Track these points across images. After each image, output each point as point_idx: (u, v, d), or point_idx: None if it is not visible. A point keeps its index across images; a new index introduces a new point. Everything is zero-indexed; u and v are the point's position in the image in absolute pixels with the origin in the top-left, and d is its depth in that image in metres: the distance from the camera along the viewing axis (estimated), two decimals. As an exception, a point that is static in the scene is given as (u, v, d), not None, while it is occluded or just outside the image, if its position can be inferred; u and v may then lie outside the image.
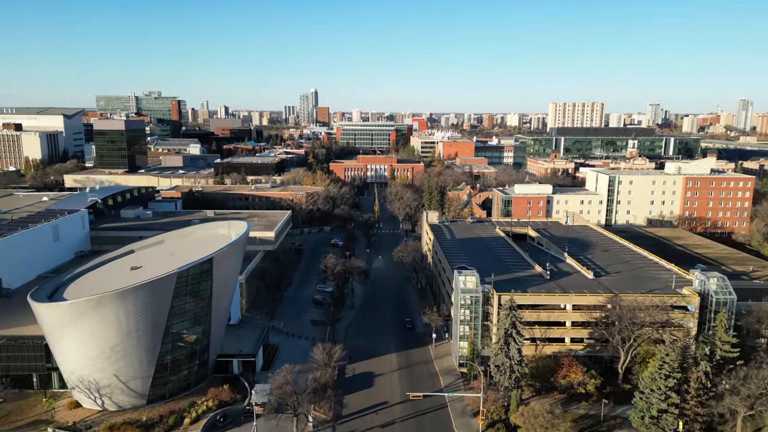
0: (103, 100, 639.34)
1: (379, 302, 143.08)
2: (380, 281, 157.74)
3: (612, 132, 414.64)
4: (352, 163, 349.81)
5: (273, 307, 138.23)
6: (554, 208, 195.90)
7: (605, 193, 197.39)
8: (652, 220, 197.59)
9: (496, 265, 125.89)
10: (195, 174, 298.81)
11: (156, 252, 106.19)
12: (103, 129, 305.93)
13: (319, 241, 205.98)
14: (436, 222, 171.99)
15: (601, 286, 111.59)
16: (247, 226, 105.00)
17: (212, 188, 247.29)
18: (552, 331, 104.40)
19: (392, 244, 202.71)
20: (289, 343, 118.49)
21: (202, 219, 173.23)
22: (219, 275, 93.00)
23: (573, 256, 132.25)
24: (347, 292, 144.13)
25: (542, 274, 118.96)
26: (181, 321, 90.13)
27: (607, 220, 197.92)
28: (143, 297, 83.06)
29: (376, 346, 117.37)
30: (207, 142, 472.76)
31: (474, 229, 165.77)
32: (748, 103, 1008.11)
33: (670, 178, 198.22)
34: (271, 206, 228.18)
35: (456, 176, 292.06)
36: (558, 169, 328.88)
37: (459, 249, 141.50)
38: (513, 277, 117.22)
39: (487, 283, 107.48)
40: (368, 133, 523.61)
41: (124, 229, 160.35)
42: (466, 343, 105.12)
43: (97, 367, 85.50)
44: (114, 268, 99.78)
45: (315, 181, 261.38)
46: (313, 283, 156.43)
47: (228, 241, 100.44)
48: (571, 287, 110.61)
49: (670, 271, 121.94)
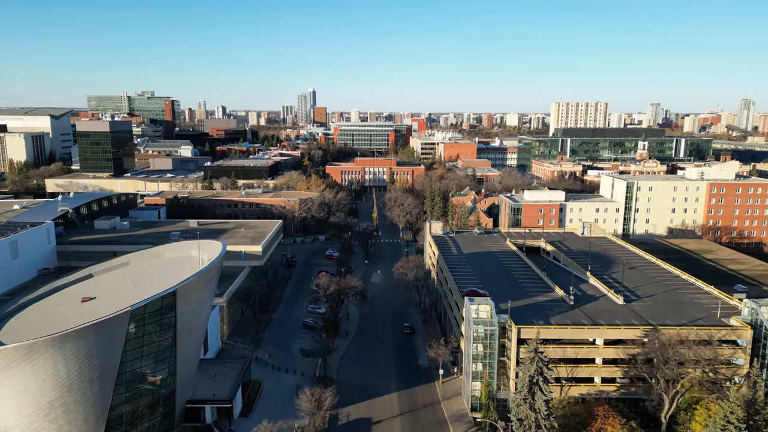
0: (95, 100, 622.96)
1: (378, 328, 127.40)
2: (379, 302, 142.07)
3: (620, 133, 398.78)
4: (350, 166, 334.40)
5: (258, 333, 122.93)
6: (567, 217, 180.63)
7: (623, 200, 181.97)
8: (673, 229, 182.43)
9: (510, 287, 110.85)
10: (183, 178, 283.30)
11: (117, 277, 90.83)
12: (87, 130, 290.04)
13: (313, 252, 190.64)
14: (440, 233, 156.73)
15: (634, 314, 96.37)
16: (222, 248, 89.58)
17: (200, 194, 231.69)
18: (580, 370, 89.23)
19: (392, 255, 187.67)
20: (275, 379, 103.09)
21: (183, 230, 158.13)
22: (185, 309, 77.64)
23: (597, 275, 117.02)
24: (341, 316, 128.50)
25: (564, 299, 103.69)
26: (138, 366, 74.71)
27: (624, 230, 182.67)
28: (87, 342, 67.63)
29: (374, 382, 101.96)
30: (200, 144, 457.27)
31: (482, 242, 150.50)
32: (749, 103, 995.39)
33: (693, 183, 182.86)
34: (261, 214, 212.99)
35: (459, 180, 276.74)
36: (565, 172, 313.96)
37: (467, 266, 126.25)
38: (531, 303, 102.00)
39: (503, 311, 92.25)
40: (366, 133, 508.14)
41: (95, 242, 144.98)
42: (480, 383, 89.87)
43: (34, 425, 70.07)
44: (65, 299, 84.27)
45: (309, 185, 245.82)
46: (305, 301, 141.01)
47: (201, 264, 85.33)
48: (599, 316, 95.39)
49: (709, 295, 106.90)
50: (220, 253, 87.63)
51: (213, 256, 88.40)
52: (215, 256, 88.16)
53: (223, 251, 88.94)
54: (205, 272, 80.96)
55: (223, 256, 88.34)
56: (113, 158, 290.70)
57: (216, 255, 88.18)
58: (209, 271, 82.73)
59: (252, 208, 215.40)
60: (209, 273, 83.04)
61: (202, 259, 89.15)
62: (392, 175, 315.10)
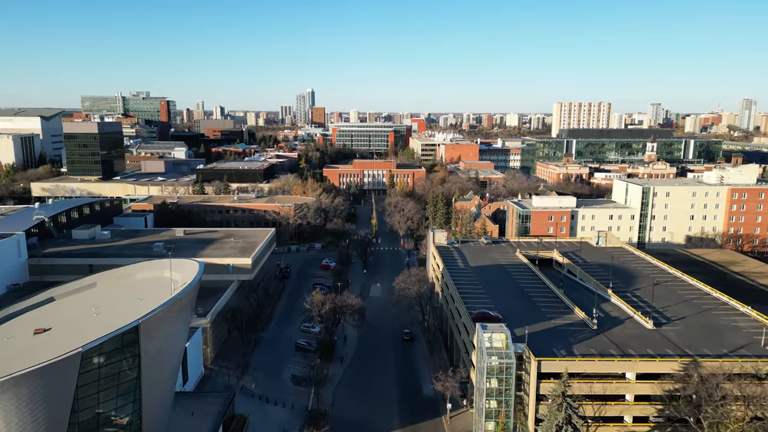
0: (89, 100, 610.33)
1: (377, 351, 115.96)
2: (378, 320, 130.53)
3: (627, 134, 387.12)
4: (348, 169, 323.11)
5: (246, 356, 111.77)
6: (579, 224, 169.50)
7: (638, 206, 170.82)
8: (692, 237, 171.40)
9: (524, 308, 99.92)
10: (175, 181, 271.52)
11: (80, 302, 79.54)
12: (74, 132, 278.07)
13: (309, 262, 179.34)
14: (444, 243, 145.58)
15: (666, 341, 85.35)
16: (198, 270, 78.32)
17: (190, 199, 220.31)
18: (608, 408, 78.17)
19: (392, 265, 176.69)
20: (262, 413, 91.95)
21: (168, 240, 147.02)
22: (151, 344, 66.45)
23: (619, 293, 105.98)
24: (337, 339, 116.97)
25: (586, 322, 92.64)
26: (96, 410, 63.53)
27: (639, 238, 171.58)
28: (30, 389, 56.50)
29: (373, 417, 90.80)
30: (195, 145, 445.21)
31: (490, 253, 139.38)
32: (751, 103, 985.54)
33: (713, 189, 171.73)
34: (254, 220, 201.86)
35: (461, 183, 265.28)
36: (571, 174, 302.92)
37: (474, 282, 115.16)
38: (550, 328, 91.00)
39: (520, 339, 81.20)
40: (365, 134, 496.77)
41: (71, 255, 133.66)
42: (494, 424, 78.78)
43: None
44: (18, 328, 72.96)
45: (306, 190, 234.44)
46: (298, 319, 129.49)
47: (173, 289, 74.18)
48: (628, 344, 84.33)
49: (747, 317, 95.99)
50: (195, 276, 76.32)
51: (188, 279, 77.22)
52: (191, 278, 77.02)
53: (200, 273, 77.68)
54: (177, 300, 69.78)
55: (200, 277, 77.12)
56: (102, 161, 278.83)
57: (192, 277, 77.05)
58: (181, 299, 71.48)
59: (244, 214, 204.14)
60: (181, 301, 71.80)
61: (176, 282, 77.95)
62: (392, 178, 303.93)
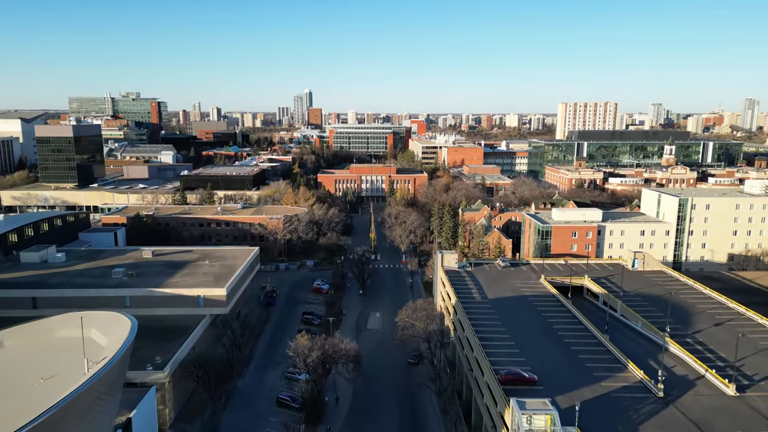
0: (76, 101, 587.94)
1: (378, 414, 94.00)
2: (376, 368, 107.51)
3: (642, 136, 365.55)
4: (345, 174, 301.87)
5: (216, 414, 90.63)
6: (606, 241, 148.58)
7: (673, 220, 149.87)
8: (734, 256, 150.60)
9: (563, 361, 79.13)
10: (156, 189, 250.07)
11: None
12: (47, 136, 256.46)
13: (299, 284, 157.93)
14: (454, 267, 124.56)
15: (759, 416, 64.33)
16: (130, 331, 57.33)
17: (168, 210, 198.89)
18: None
19: (393, 286, 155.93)
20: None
21: (133, 263, 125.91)
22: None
23: (676, 338, 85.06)
24: (328, 400, 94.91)
25: (648, 386, 71.59)
26: None
27: (675, 257, 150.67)
28: None
29: None
30: (185, 148, 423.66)
31: (509, 279, 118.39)
32: (753, 103, 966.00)
33: (758, 200, 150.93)
34: (239, 235, 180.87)
35: (467, 190, 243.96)
36: (584, 179, 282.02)
37: (496, 321, 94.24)
38: (601, 394, 69.92)
39: (569, 419, 60.20)
40: (363, 136, 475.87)
41: (12, 285, 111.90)
42: None
43: None
44: None
45: (297, 199, 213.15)
46: (283, 362, 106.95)
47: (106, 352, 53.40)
48: (710, 421, 63.20)
49: None
50: (125, 341, 55.34)
51: (118, 341, 56.32)
52: (121, 339, 56.12)
53: (132, 336, 56.69)
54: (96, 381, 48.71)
55: (130, 345, 56.07)
56: (78, 166, 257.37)
57: (121, 340, 56.10)
58: (101, 380, 50.41)
59: (228, 227, 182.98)
60: (101, 382, 50.71)
61: (99, 347, 56.92)
62: (392, 184, 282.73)
